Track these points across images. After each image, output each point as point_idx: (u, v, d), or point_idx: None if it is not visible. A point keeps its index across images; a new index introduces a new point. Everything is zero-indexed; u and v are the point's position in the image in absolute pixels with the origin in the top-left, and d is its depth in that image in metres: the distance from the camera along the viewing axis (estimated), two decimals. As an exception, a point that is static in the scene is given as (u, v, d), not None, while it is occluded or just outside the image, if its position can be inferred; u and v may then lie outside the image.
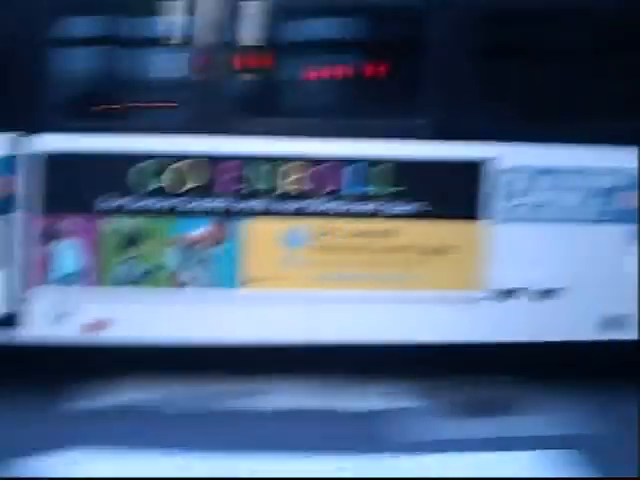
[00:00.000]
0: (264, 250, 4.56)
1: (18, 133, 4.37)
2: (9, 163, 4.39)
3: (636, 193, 4.79)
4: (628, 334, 4.91)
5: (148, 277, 4.52)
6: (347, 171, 4.60)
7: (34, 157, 4.37)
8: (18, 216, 4.41)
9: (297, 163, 4.55)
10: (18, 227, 4.41)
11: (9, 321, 4.48)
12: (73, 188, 4.44)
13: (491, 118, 4.70)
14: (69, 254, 4.46)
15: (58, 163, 4.38)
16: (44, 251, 4.44)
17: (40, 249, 4.44)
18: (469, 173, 4.70)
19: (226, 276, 4.56)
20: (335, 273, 4.64)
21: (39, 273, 4.47)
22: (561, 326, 4.87)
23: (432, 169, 4.68)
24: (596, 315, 4.89)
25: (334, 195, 4.60)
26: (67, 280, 4.48)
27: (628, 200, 4.82)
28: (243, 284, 4.57)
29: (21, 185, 4.40)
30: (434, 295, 4.73)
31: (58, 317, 4.47)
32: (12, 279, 4.45)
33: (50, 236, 4.44)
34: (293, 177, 4.56)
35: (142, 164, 4.44)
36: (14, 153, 4.38)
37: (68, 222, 4.44)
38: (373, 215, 4.65)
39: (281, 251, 4.59)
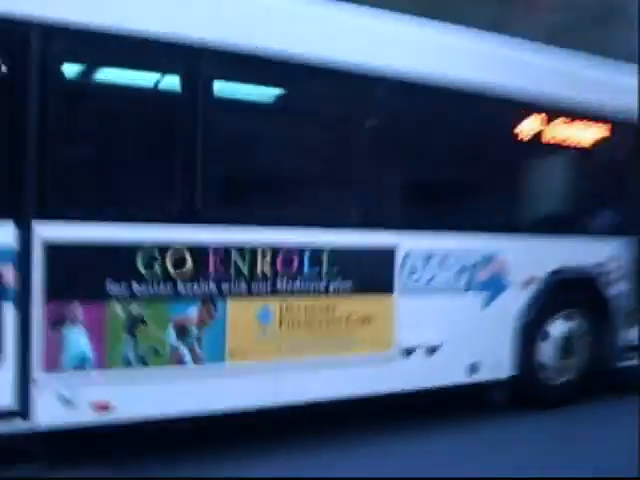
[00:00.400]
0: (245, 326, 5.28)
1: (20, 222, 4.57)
2: (10, 252, 4.55)
3: (491, 268, 6.41)
4: (487, 376, 6.46)
5: (150, 357, 4.93)
6: (300, 257, 5.51)
7: (37, 245, 4.58)
8: (26, 304, 4.57)
9: (264, 250, 5.36)
10: (25, 316, 4.56)
11: (19, 411, 4.59)
12: (78, 276, 4.73)
13: (396, 212, 5.99)
14: (77, 339, 4.71)
15: (61, 251, 4.66)
16: (53, 337, 4.64)
17: (49, 335, 4.63)
18: (383, 256, 5.89)
19: (215, 351, 5.16)
20: (295, 343, 5.49)
21: (51, 361, 4.65)
22: (442, 373, 6.23)
23: (357, 254, 5.78)
24: (464, 364, 6.35)
25: (291, 278, 5.47)
26: (76, 364, 4.71)
27: (482, 274, 6.40)
28: (229, 358, 5.21)
29: (26, 273, 4.56)
30: (361, 356, 5.78)
31: (67, 401, 4.67)
32: (21, 368, 4.57)
33: (58, 322, 4.66)
34: (262, 262, 5.35)
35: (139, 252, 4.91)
36: (15, 243, 4.55)
37: (74, 308, 4.71)
38: (319, 293, 5.59)
39: (258, 327, 5.33)
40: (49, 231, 4.60)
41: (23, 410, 4.61)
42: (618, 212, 7.34)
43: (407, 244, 5.94)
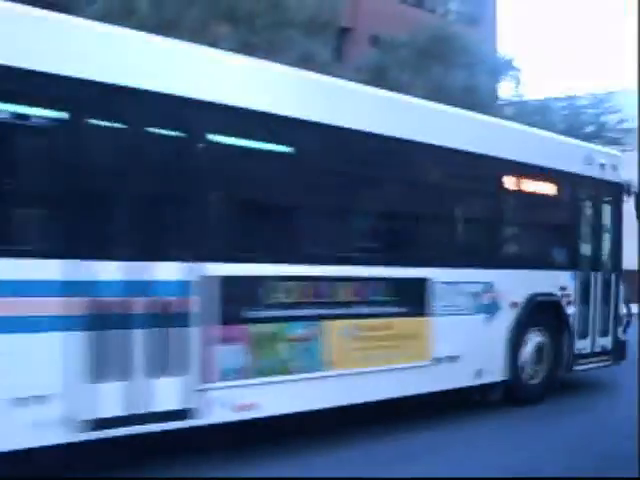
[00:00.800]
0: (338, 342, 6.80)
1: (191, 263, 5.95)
2: (185, 286, 5.92)
3: (490, 294, 8.20)
4: (488, 379, 8.23)
5: (275, 368, 6.36)
6: (367, 287, 7.11)
7: (206, 281, 5.98)
8: (193, 327, 5.91)
9: (344, 282, 6.91)
10: (195, 336, 5.90)
11: (185, 414, 5.90)
12: (232, 303, 6.13)
13: (429, 252, 7.70)
14: (231, 354, 6.08)
15: (224, 284, 6.08)
16: (214, 353, 5.99)
17: (211, 352, 5.98)
18: (420, 286, 7.55)
19: (315, 362, 6.65)
20: (365, 354, 7.04)
21: (212, 373, 6.00)
22: (458, 377, 7.93)
23: (400, 284, 7.42)
24: (472, 370, 8.08)
25: (362, 303, 7.05)
26: (229, 375, 6.08)
27: (484, 299, 8.17)
28: (325, 367, 6.72)
29: (195, 302, 5.94)
30: (408, 365, 7.41)
31: (223, 404, 6.02)
32: (189, 380, 5.90)
33: (218, 341, 6.02)
34: (344, 292, 6.91)
35: (267, 285, 6.38)
36: (189, 278, 5.92)
37: (229, 329, 6.09)
38: (379, 316, 7.19)
39: (342, 342, 6.84)
40: (215, 270, 6.00)
41: (188, 411, 5.95)
42: (570, 251, 9.45)
43: (434, 277, 7.67)
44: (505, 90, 28.97)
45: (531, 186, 8.90)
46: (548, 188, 9.15)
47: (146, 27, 6.89)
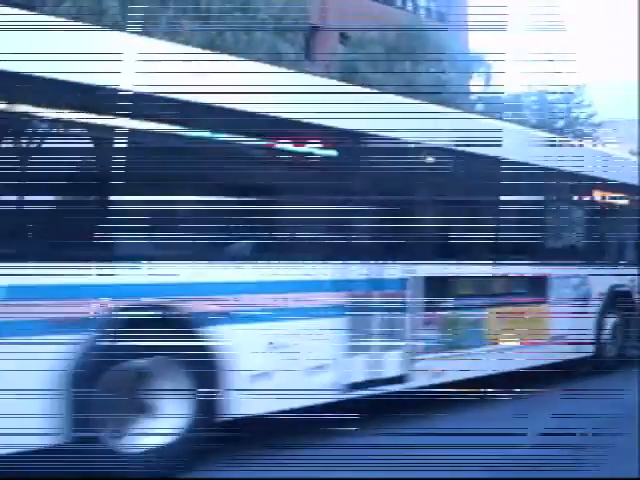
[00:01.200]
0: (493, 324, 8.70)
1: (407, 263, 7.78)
2: (402, 282, 7.75)
3: (586, 286, 10.19)
4: (583, 354, 10.24)
5: (456, 344, 8.23)
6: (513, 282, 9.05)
7: (415, 279, 7.81)
8: (407, 314, 7.75)
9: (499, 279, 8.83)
10: (408, 320, 7.73)
11: (402, 379, 7.74)
12: (430, 295, 7.96)
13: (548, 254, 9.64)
14: (429, 333, 7.93)
15: (426, 281, 7.93)
16: (419, 333, 7.83)
17: (417, 332, 7.82)
18: (543, 280, 9.49)
19: (481, 340, 8.54)
20: (511, 334, 8.94)
21: (419, 347, 7.84)
22: (565, 352, 9.90)
23: (530, 279, 9.36)
24: (574, 346, 10.06)
25: (509, 294, 8.98)
26: (428, 349, 7.93)
27: (582, 290, 10.15)
28: (487, 344, 8.61)
29: (408, 295, 7.78)
30: (535, 342, 9.34)
31: (423, 372, 7.87)
32: (405, 353, 7.72)
33: (422, 324, 7.87)
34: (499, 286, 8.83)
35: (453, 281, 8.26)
36: (405, 277, 7.75)
37: (429, 315, 7.95)
38: (520, 304, 9.11)
39: (497, 324, 8.75)
40: (421, 270, 7.85)
41: (402, 377, 7.79)
42: (637, 249, 11.55)
43: (552, 272, 9.62)
44: (476, 85, 30.43)
45: (615, 199, 10.98)
46: (623, 199, 11.23)
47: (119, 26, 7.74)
